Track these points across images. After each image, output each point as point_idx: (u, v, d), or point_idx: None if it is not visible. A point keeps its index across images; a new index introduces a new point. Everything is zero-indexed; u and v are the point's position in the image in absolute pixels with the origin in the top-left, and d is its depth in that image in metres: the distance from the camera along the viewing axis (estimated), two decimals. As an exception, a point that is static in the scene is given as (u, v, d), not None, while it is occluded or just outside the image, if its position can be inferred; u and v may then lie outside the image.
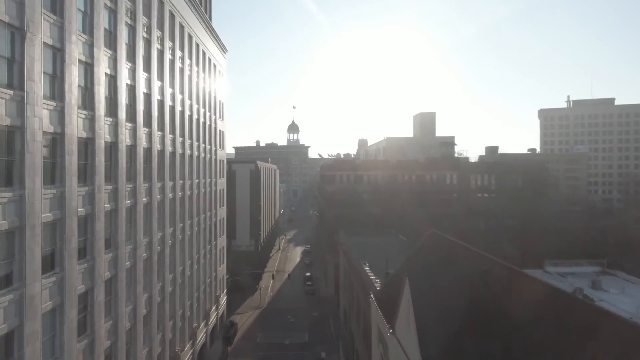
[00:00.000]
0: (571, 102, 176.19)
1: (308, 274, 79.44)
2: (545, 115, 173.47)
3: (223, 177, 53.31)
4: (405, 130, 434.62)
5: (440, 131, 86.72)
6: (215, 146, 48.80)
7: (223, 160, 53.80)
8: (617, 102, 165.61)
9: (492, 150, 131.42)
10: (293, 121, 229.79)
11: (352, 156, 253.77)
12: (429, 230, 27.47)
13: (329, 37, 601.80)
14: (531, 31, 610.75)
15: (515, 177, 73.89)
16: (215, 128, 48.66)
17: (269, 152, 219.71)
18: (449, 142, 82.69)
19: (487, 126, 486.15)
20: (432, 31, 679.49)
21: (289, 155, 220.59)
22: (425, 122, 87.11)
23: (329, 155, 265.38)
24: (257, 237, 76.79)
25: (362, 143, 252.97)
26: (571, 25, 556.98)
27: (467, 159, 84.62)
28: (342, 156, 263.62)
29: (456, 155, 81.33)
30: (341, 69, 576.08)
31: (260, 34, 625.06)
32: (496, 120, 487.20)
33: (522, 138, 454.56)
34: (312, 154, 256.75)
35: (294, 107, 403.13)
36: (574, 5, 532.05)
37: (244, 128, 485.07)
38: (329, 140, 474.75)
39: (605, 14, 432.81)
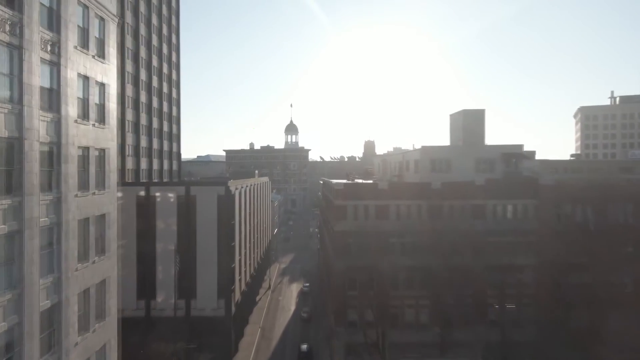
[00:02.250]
0: (617, 99, 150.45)
1: (304, 346, 54.09)
2: (587, 114, 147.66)
3: (106, 255, 25.85)
4: (417, 131, 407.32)
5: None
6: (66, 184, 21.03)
7: (109, 214, 26.13)
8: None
9: (528, 155, 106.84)
10: (291, 121, 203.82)
11: (358, 159, 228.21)
12: None
13: (329, 36, 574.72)
14: (534, 30, 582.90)
15: (622, 209, 48.34)
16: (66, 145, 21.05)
17: (264, 155, 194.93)
18: (517, 154, 56.12)
19: (501, 130, 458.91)
20: (436, 30, 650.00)
21: (287, 160, 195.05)
22: (471, 123, 60.59)
23: (331, 158, 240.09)
24: (228, 295, 51.44)
25: (369, 145, 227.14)
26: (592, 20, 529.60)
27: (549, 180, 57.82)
28: (346, 159, 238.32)
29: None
30: (342, 68, 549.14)
31: (258, 34, 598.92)
32: (509, 124, 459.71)
33: (533, 142, 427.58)
34: (313, 156, 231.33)
35: (291, 106, 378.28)
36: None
37: (241, 129, 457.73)
38: (331, 142, 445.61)
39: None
